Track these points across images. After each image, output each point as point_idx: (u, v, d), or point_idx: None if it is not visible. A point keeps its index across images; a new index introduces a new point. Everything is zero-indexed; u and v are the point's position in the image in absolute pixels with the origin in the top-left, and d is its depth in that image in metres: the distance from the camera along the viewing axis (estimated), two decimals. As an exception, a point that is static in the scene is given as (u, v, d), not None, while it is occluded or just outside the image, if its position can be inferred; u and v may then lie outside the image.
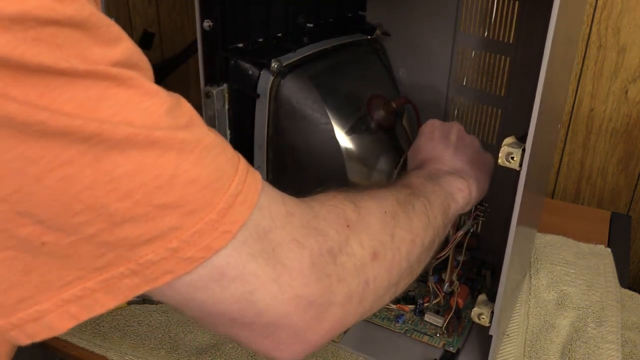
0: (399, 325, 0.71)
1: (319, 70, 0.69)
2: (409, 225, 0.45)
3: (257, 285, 0.34)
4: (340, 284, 0.37)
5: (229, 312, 0.34)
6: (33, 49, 0.26)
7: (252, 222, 0.34)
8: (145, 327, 0.73)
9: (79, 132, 0.27)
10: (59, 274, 0.29)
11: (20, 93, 0.26)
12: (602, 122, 1.06)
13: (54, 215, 0.28)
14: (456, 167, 0.59)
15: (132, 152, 0.29)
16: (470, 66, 0.75)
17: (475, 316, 0.60)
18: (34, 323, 0.30)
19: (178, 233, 0.30)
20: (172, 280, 0.31)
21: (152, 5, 1.31)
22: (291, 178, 0.70)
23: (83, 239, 0.29)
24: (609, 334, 0.72)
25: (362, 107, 0.70)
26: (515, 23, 0.69)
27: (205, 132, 0.33)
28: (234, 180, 0.33)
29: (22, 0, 0.26)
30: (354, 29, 0.79)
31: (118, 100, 0.29)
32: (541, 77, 0.46)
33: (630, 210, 1.11)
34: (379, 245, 0.41)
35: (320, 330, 0.37)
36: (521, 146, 0.49)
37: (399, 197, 0.47)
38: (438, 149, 0.61)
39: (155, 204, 0.29)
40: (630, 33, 0.98)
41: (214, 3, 0.63)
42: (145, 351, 0.69)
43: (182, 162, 0.30)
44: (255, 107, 0.69)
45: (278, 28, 0.71)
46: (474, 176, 0.59)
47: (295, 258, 0.35)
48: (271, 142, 0.68)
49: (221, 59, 0.66)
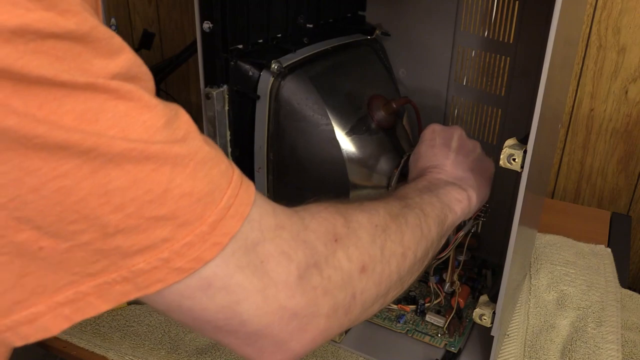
0: (400, 326, 0.71)
1: (319, 71, 0.69)
2: (401, 239, 0.46)
3: (243, 296, 0.34)
4: (325, 297, 0.38)
5: (214, 320, 0.35)
6: (34, 61, 0.27)
7: (242, 234, 0.34)
8: (145, 327, 0.73)
9: (77, 146, 0.28)
10: (54, 278, 0.30)
11: (20, 104, 0.26)
12: (602, 122, 1.06)
13: (50, 223, 0.29)
14: (456, 175, 0.59)
15: (126, 166, 0.29)
16: (470, 66, 0.75)
17: (477, 317, 0.60)
18: (29, 325, 0.31)
19: (169, 244, 0.31)
20: (162, 289, 0.32)
21: (152, 5, 1.31)
22: (292, 179, 0.70)
23: (78, 245, 0.30)
24: (609, 334, 0.72)
25: (363, 107, 0.70)
26: (515, 23, 0.69)
27: (201, 145, 0.34)
28: (227, 193, 0.34)
29: (23, 14, 0.26)
30: (354, 29, 0.79)
31: (116, 113, 0.29)
32: (543, 78, 0.46)
33: (630, 210, 1.11)
34: (367, 259, 0.42)
35: (303, 340, 0.38)
36: (522, 148, 0.49)
37: (392, 210, 0.47)
38: (439, 157, 0.61)
39: (147, 217, 0.30)
40: (630, 33, 0.98)
41: (213, 4, 0.63)
42: (145, 351, 0.69)
43: (176, 176, 0.31)
44: (255, 108, 0.69)
45: (278, 29, 0.71)
46: (474, 185, 0.59)
47: (282, 271, 0.36)
48: (271, 143, 0.68)
49: (221, 60, 0.66)
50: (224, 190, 0.34)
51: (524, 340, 0.71)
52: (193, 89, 1.35)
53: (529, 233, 0.73)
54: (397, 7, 0.79)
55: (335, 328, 0.40)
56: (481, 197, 0.60)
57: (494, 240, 0.78)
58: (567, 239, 0.90)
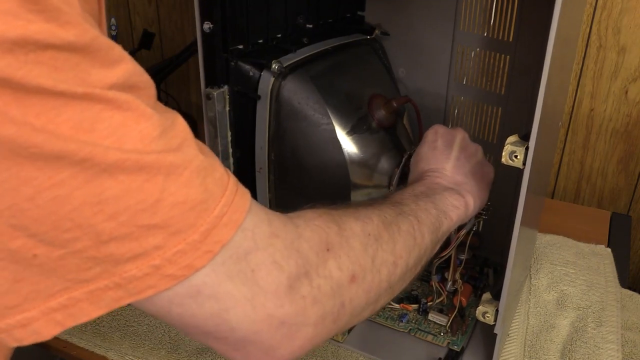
0: (403, 325, 0.71)
1: (319, 70, 0.69)
2: (392, 247, 0.46)
3: (232, 305, 0.35)
4: (314, 306, 0.38)
5: (203, 326, 0.36)
6: (33, 71, 0.27)
7: (234, 243, 0.35)
8: (145, 327, 0.73)
9: (72, 156, 0.28)
10: (47, 284, 0.31)
11: (19, 113, 0.27)
12: (602, 122, 1.06)
13: (45, 231, 0.29)
14: (456, 180, 0.59)
15: (120, 176, 0.30)
16: (470, 65, 0.75)
17: (480, 315, 0.60)
18: (22, 329, 0.31)
19: (161, 252, 0.32)
20: (153, 295, 0.33)
21: (152, 5, 1.31)
22: (293, 179, 0.70)
23: (71, 253, 0.30)
24: (609, 334, 0.72)
25: (363, 106, 0.70)
26: (515, 21, 0.69)
27: (195, 153, 0.34)
28: (221, 202, 0.34)
29: (24, 25, 0.27)
30: (353, 29, 0.79)
31: (112, 122, 0.30)
32: (544, 76, 0.46)
33: (630, 210, 1.11)
34: (358, 269, 0.42)
35: (291, 347, 0.38)
36: (524, 144, 0.49)
37: (385, 218, 0.48)
38: (439, 160, 0.61)
39: (139, 225, 0.31)
40: (630, 33, 0.98)
41: (213, 5, 0.63)
42: (145, 351, 0.69)
43: (169, 186, 0.32)
44: (255, 108, 0.69)
45: (278, 29, 0.71)
46: (473, 190, 0.59)
47: (272, 280, 0.36)
48: (272, 143, 0.68)
49: (222, 61, 0.66)
50: (217, 199, 0.34)
51: (524, 340, 0.71)
52: (193, 89, 1.35)
53: (530, 231, 0.73)
54: (396, 7, 0.79)
55: (324, 335, 0.40)
56: (479, 202, 0.60)
57: (495, 239, 0.78)
58: (567, 239, 0.90)
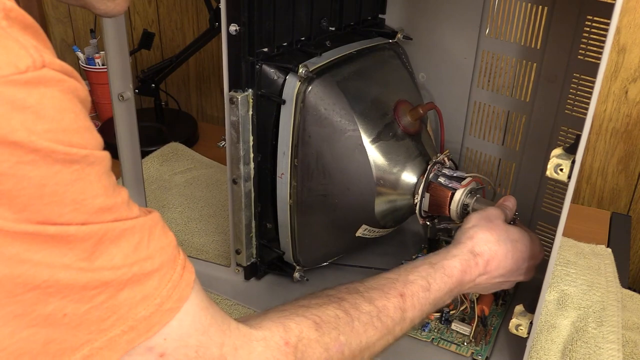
0: (425, 334, 0.70)
1: (345, 75, 0.68)
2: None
3: None
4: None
5: None
6: None
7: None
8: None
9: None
10: (72, 341, 0.33)
11: None
12: (602, 122, 1.06)
13: (77, 291, 0.33)
14: (503, 273, 0.62)
15: None
16: (494, 71, 0.74)
17: (513, 327, 0.60)
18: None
19: (158, 291, 0.36)
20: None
21: (152, 5, 1.29)
22: (316, 185, 0.68)
23: (95, 306, 0.34)
24: (609, 334, 0.71)
25: (388, 112, 0.69)
26: (543, 28, 0.68)
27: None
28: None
29: None
30: (374, 32, 0.77)
31: None
32: (596, 88, 0.45)
33: (630, 210, 1.11)
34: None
35: None
36: (571, 158, 0.48)
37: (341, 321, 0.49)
38: (498, 257, 0.61)
39: (144, 273, 0.36)
40: (630, 33, 0.98)
41: (241, 7, 0.61)
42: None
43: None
44: (279, 112, 0.67)
45: (302, 32, 0.70)
46: (518, 278, 0.64)
47: None
48: (296, 149, 0.67)
49: (247, 64, 0.65)
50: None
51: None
52: (193, 89, 1.32)
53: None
54: (418, 11, 0.78)
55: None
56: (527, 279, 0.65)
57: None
58: (568, 239, 0.90)
